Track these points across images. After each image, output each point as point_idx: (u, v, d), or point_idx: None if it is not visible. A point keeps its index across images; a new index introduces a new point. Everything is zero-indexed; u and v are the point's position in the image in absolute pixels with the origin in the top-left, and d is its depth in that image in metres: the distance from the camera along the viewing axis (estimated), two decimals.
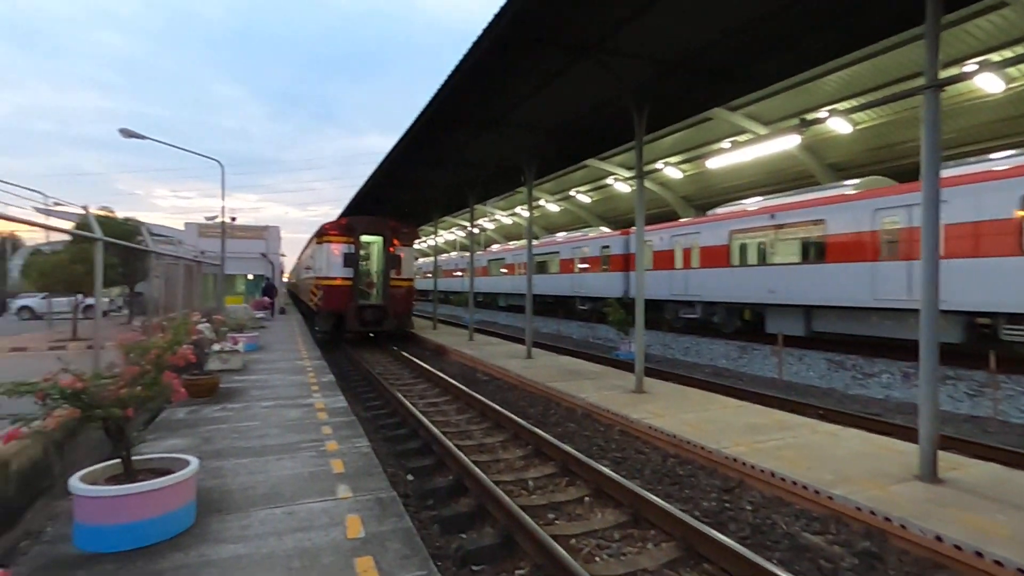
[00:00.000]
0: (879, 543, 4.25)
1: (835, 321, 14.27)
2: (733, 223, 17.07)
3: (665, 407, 8.08)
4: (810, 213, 14.61)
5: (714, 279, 17.36)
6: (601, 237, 24.41)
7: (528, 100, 9.81)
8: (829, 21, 6.81)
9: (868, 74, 16.27)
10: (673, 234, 19.61)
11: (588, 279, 24.37)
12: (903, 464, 5.43)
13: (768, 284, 15.30)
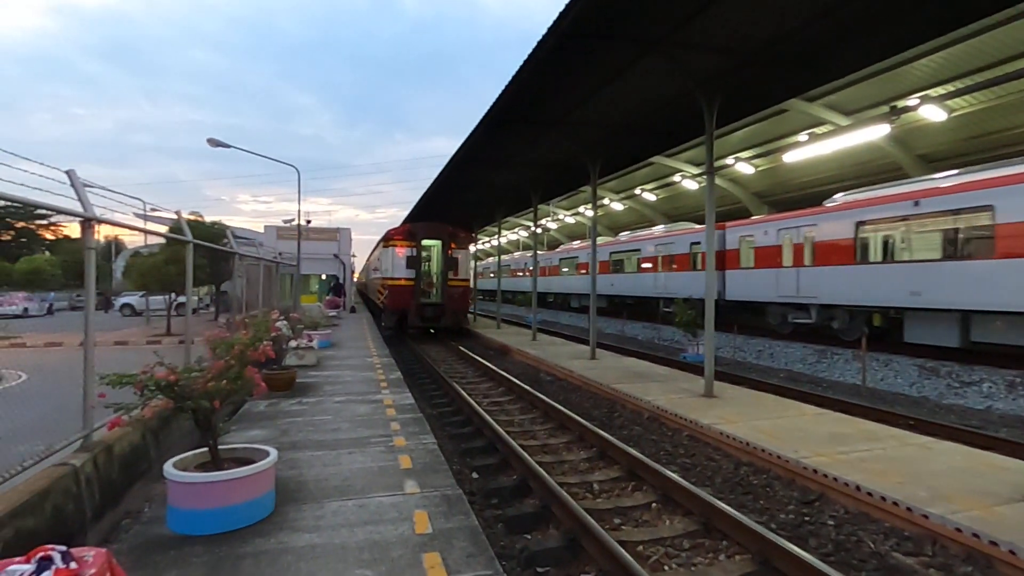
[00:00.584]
0: (983, 568, 3.88)
1: (1004, 330, 11.66)
2: (861, 212, 14.61)
3: (737, 413, 7.74)
4: (972, 198, 12.04)
5: (835, 278, 15.06)
6: (690, 233, 22.39)
7: (593, 97, 9.68)
8: (904, 10, 6.29)
9: (966, 56, 14.92)
10: (780, 227, 17.46)
11: (676, 278, 22.46)
12: (1010, 483, 4.94)
13: (911, 284, 12.97)
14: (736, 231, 19.57)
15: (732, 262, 19.42)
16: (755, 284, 18.20)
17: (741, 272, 19.06)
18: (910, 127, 18.48)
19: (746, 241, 18.96)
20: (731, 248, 19.53)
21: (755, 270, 18.30)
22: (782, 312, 17.54)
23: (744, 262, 19.00)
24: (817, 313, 16.02)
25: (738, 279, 19.11)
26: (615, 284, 27.15)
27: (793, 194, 24.31)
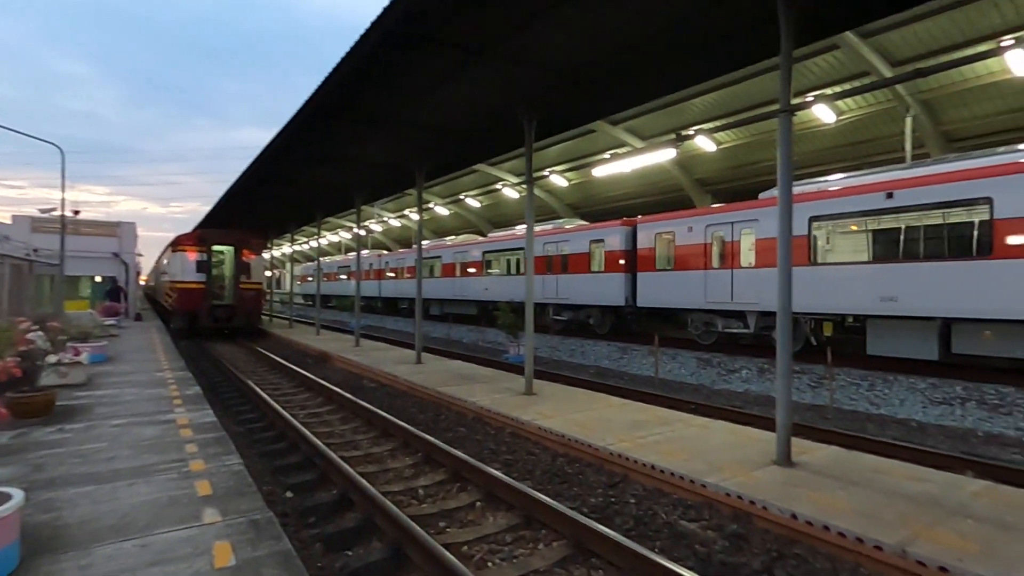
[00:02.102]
0: (745, 524, 4.63)
1: (992, 341, 10.63)
2: (815, 206, 12.82)
3: (554, 408, 8.27)
4: (964, 189, 10.66)
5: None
6: (591, 229, 19.71)
7: (422, 99, 9.62)
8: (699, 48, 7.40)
9: (729, 99, 18.03)
10: (710, 223, 15.30)
11: (574, 282, 19.82)
12: (763, 451, 6.00)
13: (883, 288, 11.60)
14: (650, 228, 17.15)
15: (645, 263, 17.24)
16: (675, 288, 16.10)
17: (656, 275, 16.78)
18: (690, 155, 21.69)
19: (663, 239, 16.69)
20: (644, 247, 17.35)
21: (675, 272, 16.19)
22: (707, 320, 15.79)
23: (661, 263, 16.71)
24: (756, 321, 14.43)
25: (652, 283, 16.97)
26: (492, 288, 23.83)
27: (602, 206, 26.93)
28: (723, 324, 15.31)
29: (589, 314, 19.82)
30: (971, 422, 9.34)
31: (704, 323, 15.99)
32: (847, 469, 5.46)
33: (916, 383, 10.98)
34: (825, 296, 12.62)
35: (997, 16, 12.90)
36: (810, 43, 6.69)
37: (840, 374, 11.81)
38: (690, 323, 16.41)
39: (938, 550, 3.77)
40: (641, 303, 17.50)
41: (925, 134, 16.29)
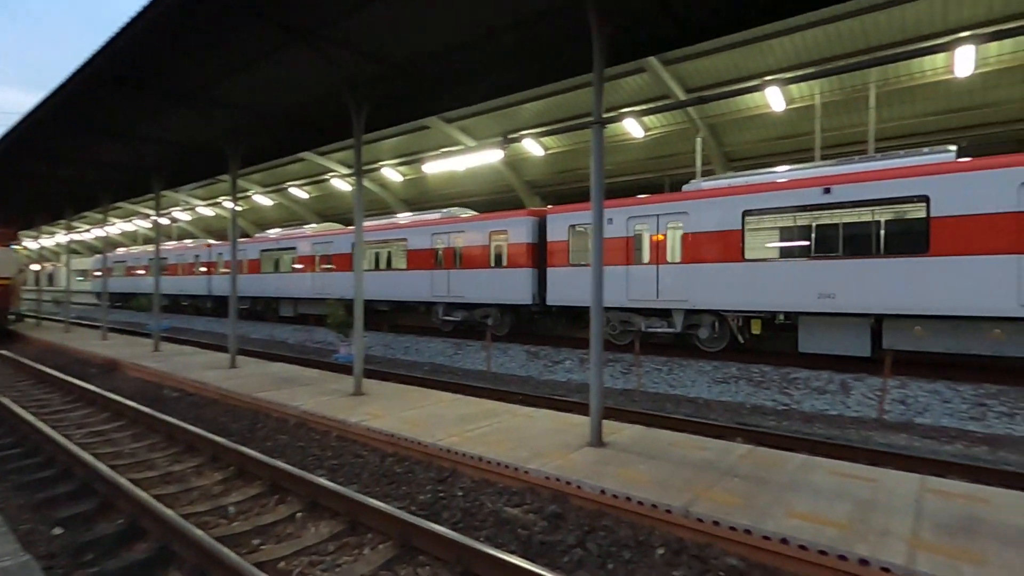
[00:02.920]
0: (562, 504, 4.99)
1: (924, 336, 10.86)
2: (749, 200, 12.45)
3: (384, 407, 8.09)
4: (902, 187, 10.79)
5: (715, 278, 12.86)
6: (491, 219, 17.63)
7: (234, 76, 8.69)
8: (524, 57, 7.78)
9: (556, 108, 19.26)
10: (633, 215, 14.33)
11: (470, 278, 17.93)
12: (579, 435, 6.52)
13: (822, 286, 11.54)
14: (563, 219, 15.77)
15: (557, 258, 15.83)
16: (594, 284, 15.88)
17: (570, 270, 15.51)
18: (521, 157, 22.74)
19: (579, 232, 15.50)
20: (556, 240, 15.89)
21: (601, 267, 16.11)
22: (625, 319, 14.97)
23: (576, 258, 15.47)
24: (683, 319, 13.88)
25: (565, 279, 15.65)
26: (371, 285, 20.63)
27: (436, 203, 26.99)
28: (646, 324, 14.38)
29: (487, 313, 17.88)
30: (742, 396, 11.15)
31: (621, 322, 14.98)
32: (648, 445, 6.17)
33: (704, 366, 12.82)
34: (759, 293, 12.28)
35: (771, 57, 15.54)
36: (619, 64, 7.42)
37: (646, 361, 13.32)
38: (607, 322, 15.02)
39: (712, 507, 4.44)
40: (551, 301, 15.95)
41: (711, 153, 19.08)
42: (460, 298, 18.13)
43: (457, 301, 18.29)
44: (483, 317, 17.80)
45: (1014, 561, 3.62)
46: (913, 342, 11.00)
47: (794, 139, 17.67)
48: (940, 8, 12.87)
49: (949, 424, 8.97)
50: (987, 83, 14.52)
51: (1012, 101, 14.79)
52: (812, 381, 11.16)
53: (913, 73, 14.77)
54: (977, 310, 10.06)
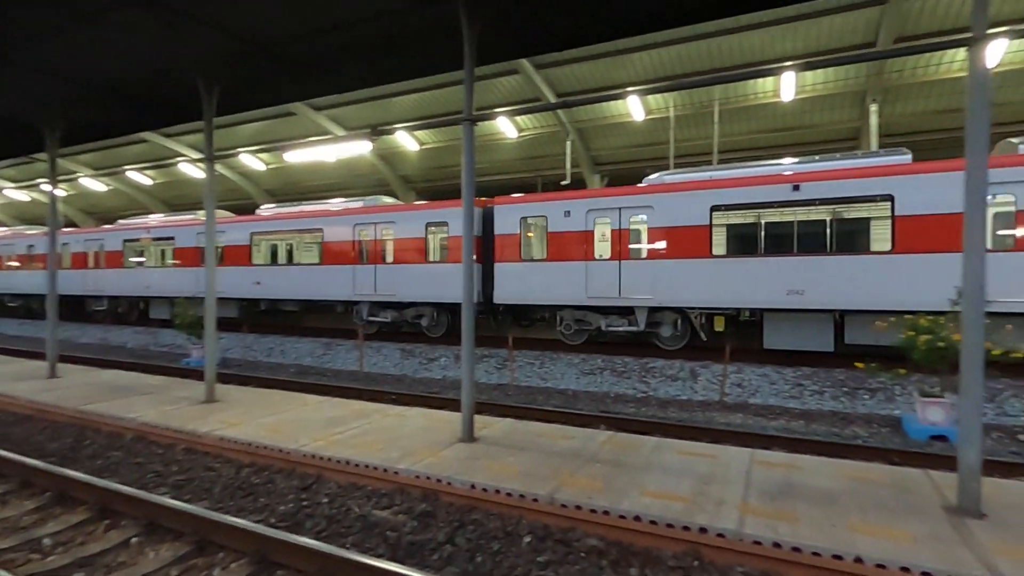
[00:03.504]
0: (433, 502, 4.95)
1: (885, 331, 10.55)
2: (717, 195, 12.16)
3: (241, 414, 7.47)
4: (868, 186, 10.90)
5: (683, 274, 12.45)
6: (428, 209, 15.88)
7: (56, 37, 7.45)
8: (395, 48, 7.58)
9: (431, 102, 19.07)
10: (592, 207, 13.45)
11: (402, 275, 15.99)
12: (451, 431, 6.52)
13: (792, 282, 11.45)
14: (514, 210, 14.57)
15: (507, 252, 14.57)
16: (547, 282, 14.01)
17: (520, 266, 14.43)
18: (395, 151, 22.21)
19: (531, 224, 14.58)
20: (505, 233, 14.63)
21: (548, 263, 14.02)
22: (580, 318, 14.19)
23: (528, 252, 14.52)
24: (646, 317, 13.31)
25: (513, 275, 14.51)
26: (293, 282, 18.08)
27: (303, 195, 25.47)
28: (606, 322, 13.74)
29: (420, 313, 16.33)
30: (607, 386, 11.89)
31: (576, 321, 14.21)
32: (518, 437, 6.34)
33: (572, 359, 13.46)
34: (727, 290, 12.05)
35: (632, 70, 16.64)
36: (489, 63, 7.52)
37: (519, 356, 13.69)
38: (559, 321, 14.44)
39: (576, 492, 4.68)
40: (501, 299, 14.66)
41: (580, 156, 20.08)
42: (390, 296, 16.26)
43: (386, 300, 16.41)
44: (415, 318, 16.24)
45: (818, 516, 4.24)
46: (873, 337, 10.99)
47: (653, 147, 19.16)
48: (770, 39, 14.69)
49: (775, 403, 10.28)
50: (804, 107, 16.87)
51: (825, 124, 17.32)
52: (667, 370, 12.20)
53: (748, 95, 16.70)
54: (937, 305, 9.92)
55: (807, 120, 17.34)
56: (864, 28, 13.96)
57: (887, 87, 15.37)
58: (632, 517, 4.31)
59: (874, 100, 15.43)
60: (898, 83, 15.23)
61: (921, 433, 8.00)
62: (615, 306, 13.46)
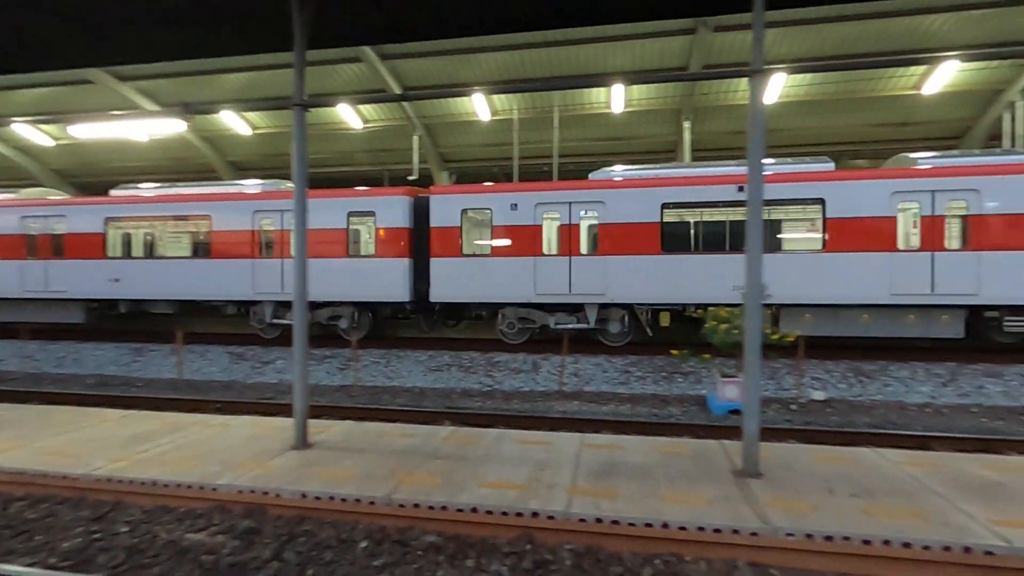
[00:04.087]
0: (259, 517, 4.57)
1: (811, 323, 11.97)
2: (668, 193, 12.34)
3: (14, 438, 6.21)
4: (804, 190, 11.78)
5: (634, 271, 12.55)
6: (350, 196, 14.25)
7: None
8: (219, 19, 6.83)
9: (262, 83, 17.56)
10: (541, 201, 13.02)
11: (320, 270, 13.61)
12: (283, 439, 6.08)
13: (736, 277, 10.41)
14: (453, 201, 13.56)
15: (445, 247, 13.50)
16: (492, 279, 13.27)
17: (461, 262, 13.53)
18: (223, 134, 20.10)
19: (474, 217, 13.67)
20: (444, 226, 13.60)
21: (493, 259, 13.35)
22: (524, 315, 13.61)
23: (470, 247, 13.63)
24: (596, 314, 13.20)
25: (453, 271, 13.53)
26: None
27: (105, 178, 21.94)
28: (555, 320, 13.39)
29: (337, 314, 14.58)
30: (454, 382, 11.98)
31: (520, 319, 13.64)
32: (356, 439, 6.11)
33: (419, 356, 13.34)
34: (678, 286, 12.31)
35: (478, 69, 16.87)
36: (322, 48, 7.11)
37: (363, 355, 13.23)
38: (501, 320, 13.82)
39: (414, 491, 4.63)
40: (438, 298, 13.61)
41: (428, 153, 19.94)
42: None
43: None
44: (330, 319, 14.52)
45: (635, 490, 4.68)
46: (803, 327, 11.91)
47: (499, 147, 19.70)
48: (603, 53, 15.89)
49: (607, 389, 11.18)
50: (632, 120, 18.57)
51: (649, 136, 19.23)
52: (511, 363, 12.64)
53: (585, 104, 17.93)
54: (859, 299, 11.54)
55: (635, 132, 19.09)
56: (679, 53, 15.74)
57: (697, 107, 17.51)
58: (469, 509, 4.38)
59: (687, 118, 17.49)
60: (706, 104, 17.44)
61: (721, 408, 9.23)
62: (564, 303, 13.21)
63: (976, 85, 16.06)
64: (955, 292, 11.19)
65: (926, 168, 11.58)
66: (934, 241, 11.33)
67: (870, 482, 4.74)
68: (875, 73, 15.65)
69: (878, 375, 11.03)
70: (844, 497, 4.43)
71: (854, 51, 14.55)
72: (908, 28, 14.12)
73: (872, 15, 13.67)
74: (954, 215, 11.40)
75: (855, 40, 14.53)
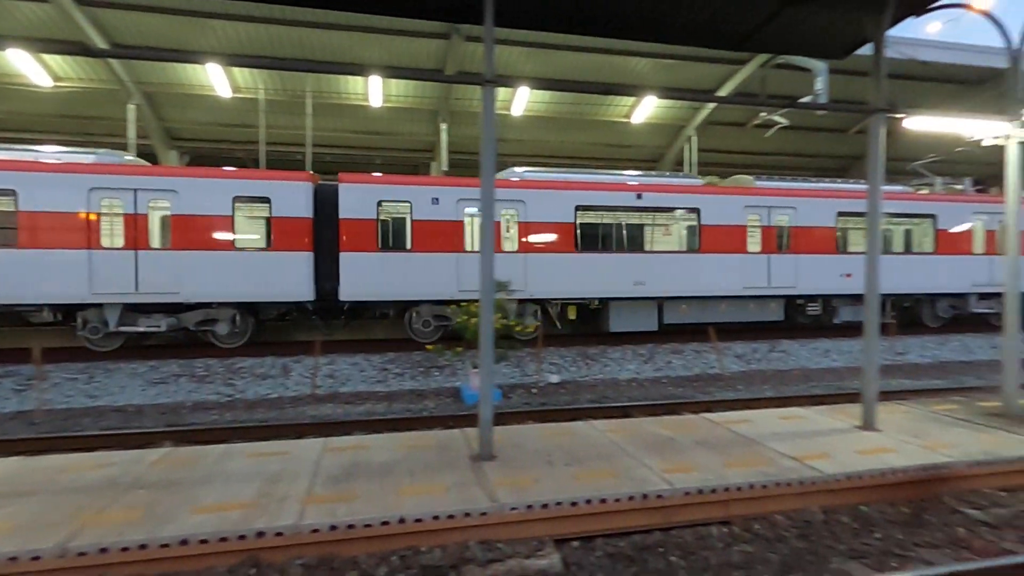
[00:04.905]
0: None
1: (688, 312, 14.39)
2: (581, 196, 13.66)
3: None
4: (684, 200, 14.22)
5: (552, 268, 13.43)
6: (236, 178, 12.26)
7: None
8: None
9: None
10: (463, 197, 13.21)
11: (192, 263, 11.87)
12: None
13: (635, 275, 13.84)
14: (367, 192, 12.75)
15: (360, 241, 12.68)
16: (410, 275, 12.91)
17: (378, 257, 12.82)
18: None
19: (390, 210, 13.14)
20: (358, 218, 12.63)
21: (414, 254, 12.97)
22: (438, 313, 13.42)
23: (388, 242, 13.10)
24: (515, 308, 13.60)
25: (368, 267, 12.72)
26: None
27: None
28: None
29: (214, 317, 12.40)
30: (183, 395, 10.36)
31: (436, 316, 13.46)
32: (24, 480, 4.80)
33: (138, 368, 11.22)
34: (590, 282, 13.56)
35: (213, 38, 14.78)
36: None
37: (55, 371, 10.60)
38: (414, 318, 13.50)
39: (103, 532, 3.81)
40: (350, 296, 12.62)
41: (149, 125, 16.88)
42: (167, 295, 11.81)
43: (157, 300, 11.85)
44: (201, 323, 12.34)
45: (375, 490, 4.60)
46: (679, 316, 14.39)
47: (242, 128, 17.70)
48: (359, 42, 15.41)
49: (363, 389, 10.91)
50: (392, 116, 18.50)
51: (409, 134, 19.37)
52: (256, 368, 11.47)
53: (341, 93, 17.22)
54: (723, 292, 14.37)
55: (394, 128, 19.06)
56: (435, 56, 16.17)
57: (453, 111, 18.27)
58: (178, 542, 3.77)
59: (443, 120, 18.12)
60: (460, 109, 18.30)
61: (472, 398, 9.75)
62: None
63: (667, 120, 20.01)
64: (784, 285, 14.62)
65: (762, 188, 14.88)
66: (770, 245, 14.78)
67: (582, 451, 5.47)
68: (598, 99, 18.34)
69: (599, 357, 12.93)
70: (561, 467, 5.03)
71: (581, 78, 16.80)
72: (620, 66, 16.86)
73: (593, 49, 15.95)
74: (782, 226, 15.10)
75: (582, 68, 16.80)
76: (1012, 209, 6.47)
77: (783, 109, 12.38)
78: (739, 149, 22.19)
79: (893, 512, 4.83)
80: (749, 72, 17.10)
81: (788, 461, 5.17)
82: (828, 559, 4.19)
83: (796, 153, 22.95)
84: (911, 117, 6.04)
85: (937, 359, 13.83)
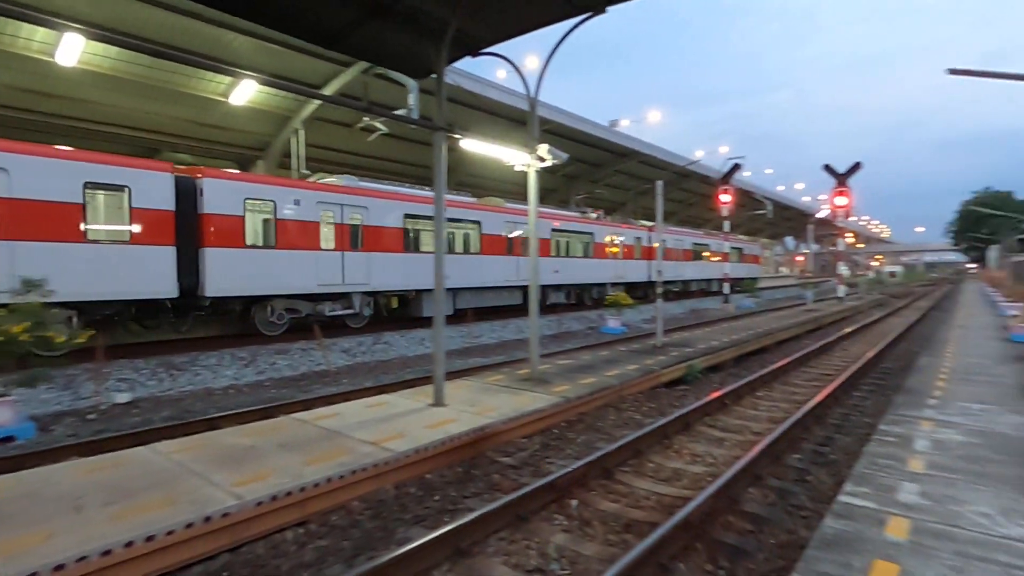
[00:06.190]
0: None
1: (472, 299, 18.56)
2: (409, 207, 16.75)
3: None
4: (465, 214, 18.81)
5: (387, 265, 16.03)
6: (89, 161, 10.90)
7: None
8: None
9: None
10: (321, 200, 14.73)
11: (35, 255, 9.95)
12: None
13: (464, 272, 18.11)
14: (232, 189, 12.81)
15: (226, 236, 12.53)
16: (275, 271, 13.41)
17: (245, 253, 12.88)
18: None
19: (256, 208, 13.17)
20: (224, 214, 12.49)
21: (280, 251, 13.51)
22: (291, 307, 14.25)
23: (255, 238, 13.24)
24: (361, 302, 15.66)
25: (234, 263, 12.71)
26: None
27: None
28: (330, 308, 15.04)
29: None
30: None
31: (287, 310, 14.25)
32: None
33: None
34: (416, 277, 16.37)
35: None
36: None
37: None
38: (270, 311, 13.83)
39: None
40: (216, 292, 12.40)
41: None
42: None
43: None
44: None
45: None
46: (466, 302, 18.20)
47: None
48: None
49: None
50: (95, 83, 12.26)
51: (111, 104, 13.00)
52: None
53: None
54: (490, 282, 19.14)
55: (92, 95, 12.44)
56: None
57: None
58: None
59: None
60: None
61: None
62: (337, 292, 14.97)
63: (271, 107, 18.97)
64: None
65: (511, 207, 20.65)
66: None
67: (132, 483, 4.53)
68: (185, 69, 15.94)
69: (188, 366, 11.30)
70: (95, 510, 4.03)
71: (163, 40, 14.24)
72: (212, 38, 15.04)
73: (178, 10, 13.74)
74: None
75: (167, 29, 14.28)
76: (533, 219, 8.48)
77: (380, 117, 13.19)
78: (348, 149, 22.82)
79: (451, 474, 5.65)
80: (353, 75, 17.67)
81: (367, 447, 5.45)
82: (395, 531, 4.56)
83: (399, 160, 25.07)
84: (464, 139, 7.21)
85: (501, 339, 17.25)
